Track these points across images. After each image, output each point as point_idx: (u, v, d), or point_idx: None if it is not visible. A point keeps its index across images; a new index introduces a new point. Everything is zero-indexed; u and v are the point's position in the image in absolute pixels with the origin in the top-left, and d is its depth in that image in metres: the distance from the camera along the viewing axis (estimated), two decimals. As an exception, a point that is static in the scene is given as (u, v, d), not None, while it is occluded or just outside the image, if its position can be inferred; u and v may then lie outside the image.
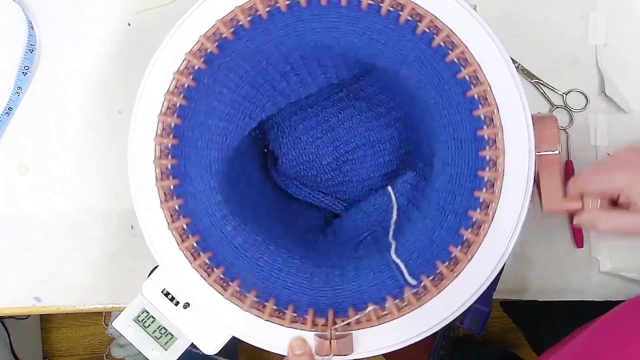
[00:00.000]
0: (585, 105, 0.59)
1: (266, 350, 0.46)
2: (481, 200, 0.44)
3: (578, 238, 0.58)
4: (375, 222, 0.56)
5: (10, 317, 1.09)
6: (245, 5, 0.45)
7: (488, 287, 0.45)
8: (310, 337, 0.45)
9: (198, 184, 0.47)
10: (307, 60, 0.52)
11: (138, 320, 0.49)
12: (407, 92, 0.47)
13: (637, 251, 0.58)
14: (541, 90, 0.60)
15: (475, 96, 0.44)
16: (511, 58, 0.44)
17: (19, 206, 0.61)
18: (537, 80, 0.59)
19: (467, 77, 0.44)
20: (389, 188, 0.55)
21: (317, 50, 0.50)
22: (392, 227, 0.52)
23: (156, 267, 0.48)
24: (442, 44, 0.44)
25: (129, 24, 0.61)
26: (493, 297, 0.56)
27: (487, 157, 0.44)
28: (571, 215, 0.59)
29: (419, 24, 0.44)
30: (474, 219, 0.44)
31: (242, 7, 0.45)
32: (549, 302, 0.60)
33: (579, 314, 0.55)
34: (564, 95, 0.59)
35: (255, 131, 0.57)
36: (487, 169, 0.44)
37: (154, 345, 0.49)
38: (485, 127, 0.44)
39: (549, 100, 0.60)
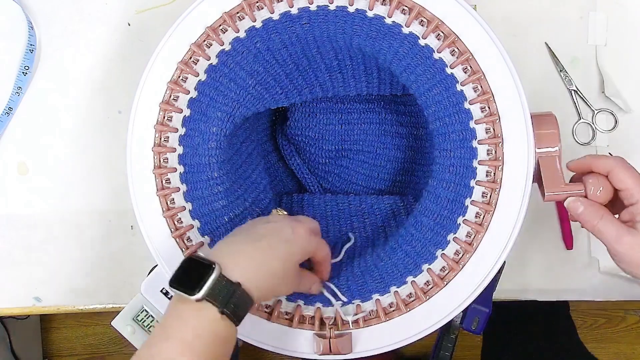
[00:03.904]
0: (614, 127, 0.60)
1: (266, 350, 0.46)
2: (456, 248, 0.45)
3: (568, 240, 0.58)
4: (343, 220, 0.57)
5: (10, 317, 1.09)
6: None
7: (488, 288, 0.45)
8: (309, 335, 0.45)
9: (209, 127, 0.46)
10: (355, 63, 0.52)
11: (137, 319, 0.49)
12: (432, 133, 0.48)
13: (637, 251, 0.58)
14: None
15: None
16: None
17: (19, 206, 0.61)
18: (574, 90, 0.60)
19: (470, 86, 0.44)
20: (351, 235, 0.54)
21: (366, 56, 0.50)
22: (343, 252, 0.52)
23: (155, 266, 0.48)
24: (470, 84, 0.45)
25: (129, 24, 0.61)
26: (493, 298, 0.56)
27: (477, 209, 0.45)
28: (562, 215, 0.59)
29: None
30: (444, 264, 0.45)
31: None
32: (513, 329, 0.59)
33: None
34: (595, 112, 0.60)
35: None
36: (473, 219, 0.45)
37: (153, 344, 0.49)
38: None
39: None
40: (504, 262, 0.44)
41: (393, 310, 0.45)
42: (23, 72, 0.60)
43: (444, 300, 0.44)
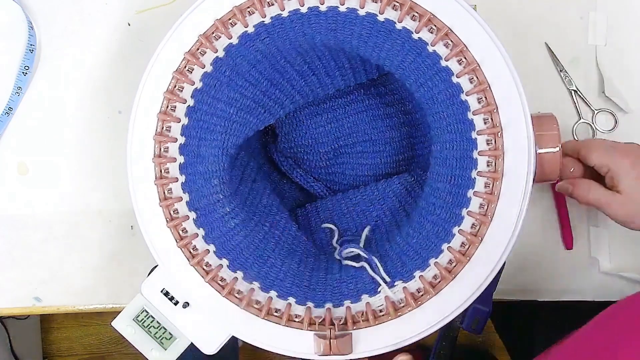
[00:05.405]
0: (614, 127, 0.60)
1: (266, 350, 0.46)
2: (480, 201, 0.44)
3: (568, 240, 0.58)
4: (362, 212, 0.56)
5: (10, 317, 1.09)
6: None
7: (488, 287, 0.45)
8: (309, 336, 0.45)
9: (207, 165, 0.46)
10: (325, 61, 0.52)
11: (137, 320, 0.49)
12: (418, 103, 0.47)
13: (637, 251, 0.58)
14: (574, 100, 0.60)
15: (475, 96, 0.44)
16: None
17: (19, 206, 0.61)
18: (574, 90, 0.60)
19: (466, 79, 0.44)
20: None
21: (332, 51, 0.50)
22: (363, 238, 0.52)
23: (156, 266, 0.48)
24: (440, 42, 0.44)
25: (129, 24, 0.61)
26: (493, 298, 0.56)
27: (487, 158, 0.44)
28: (562, 215, 0.59)
29: (417, 23, 0.44)
30: (473, 221, 0.44)
31: (261, 1, 0.45)
32: (542, 327, 0.61)
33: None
34: (595, 112, 0.60)
35: None
36: (486, 168, 0.44)
37: (153, 345, 0.49)
38: (485, 127, 0.44)
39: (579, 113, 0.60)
40: (504, 261, 0.44)
41: (439, 282, 0.44)
42: (23, 72, 0.60)
43: (443, 300, 0.44)
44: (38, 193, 0.61)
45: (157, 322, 0.49)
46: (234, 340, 0.47)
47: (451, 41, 0.44)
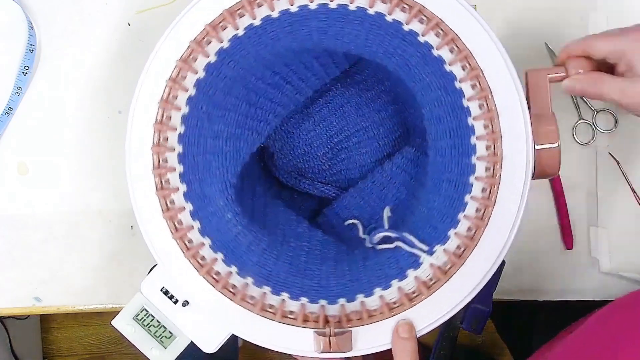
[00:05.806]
0: (614, 127, 0.60)
1: (267, 350, 0.45)
2: (485, 143, 0.44)
3: (568, 240, 0.58)
4: (378, 198, 0.57)
5: (10, 317, 1.09)
6: (216, 22, 0.46)
7: (488, 286, 0.45)
8: (309, 333, 0.45)
9: (216, 202, 0.46)
10: (293, 66, 0.52)
11: (137, 318, 0.49)
12: (395, 77, 0.48)
13: (637, 251, 0.58)
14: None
15: (446, 48, 0.44)
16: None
17: (19, 206, 0.61)
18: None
19: (432, 35, 0.44)
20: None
21: (297, 54, 0.50)
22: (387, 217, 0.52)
23: (155, 265, 0.48)
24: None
25: (129, 24, 0.62)
26: (493, 298, 0.56)
27: (477, 102, 0.44)
28: (561, 214, 0.59)
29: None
30: (485, 164, 0.44)
31: (213, 24, 0.45)
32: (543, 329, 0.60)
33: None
34: (595, 112, 0.60)
35: None
36: (479, 111, 0.44)
37: (153, 344, 0.49)
38: (464, 74, 0.44)
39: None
40: (504, 261, 0.44)
41: (474, 232, 0.44)
42: (23, 72, 0.60)
43: (443, 296, 0.44)
44: (38, 193, 0.61)
45: (157, 320, 0.49)
46: (234, 339, 0.47)
47: (407, 5, 0.44)
